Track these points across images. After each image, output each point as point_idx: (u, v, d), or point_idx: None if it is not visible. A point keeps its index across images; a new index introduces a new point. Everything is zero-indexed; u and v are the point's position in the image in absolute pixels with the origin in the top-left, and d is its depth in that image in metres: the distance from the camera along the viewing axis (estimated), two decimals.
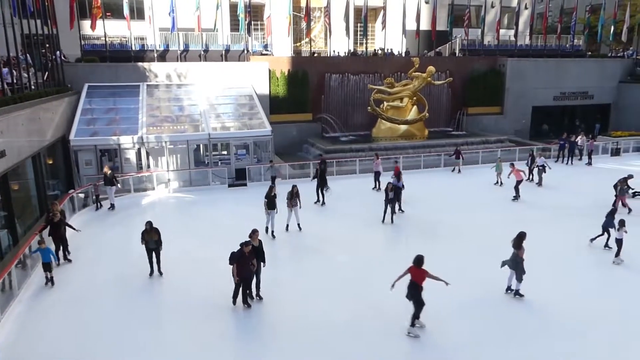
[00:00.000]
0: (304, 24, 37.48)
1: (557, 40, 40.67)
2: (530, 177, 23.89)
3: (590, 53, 43.24)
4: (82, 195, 20.02)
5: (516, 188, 20.68)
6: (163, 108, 26.29)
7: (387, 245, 16.50)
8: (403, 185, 18.95)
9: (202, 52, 31.84)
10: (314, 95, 32.69)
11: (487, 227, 17.10)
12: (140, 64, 28.67)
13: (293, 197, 16.49)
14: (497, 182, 23.20)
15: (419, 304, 10.04)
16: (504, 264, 11.84)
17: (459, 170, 26.03)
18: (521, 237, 11.57)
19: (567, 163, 27.99)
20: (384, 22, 35.50)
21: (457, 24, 38.04)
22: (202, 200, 21.05)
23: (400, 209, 18.63)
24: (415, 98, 31.78)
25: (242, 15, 31.35)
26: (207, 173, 23.29)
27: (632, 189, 20.19)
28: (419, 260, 9.97)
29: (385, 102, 31.62)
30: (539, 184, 23.17)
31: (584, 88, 37.55)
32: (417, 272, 9.94)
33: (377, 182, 22.44)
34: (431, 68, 31.04)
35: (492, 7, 42.77)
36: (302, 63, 32.95)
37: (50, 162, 21.21)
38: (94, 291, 12.57)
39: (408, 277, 10.05)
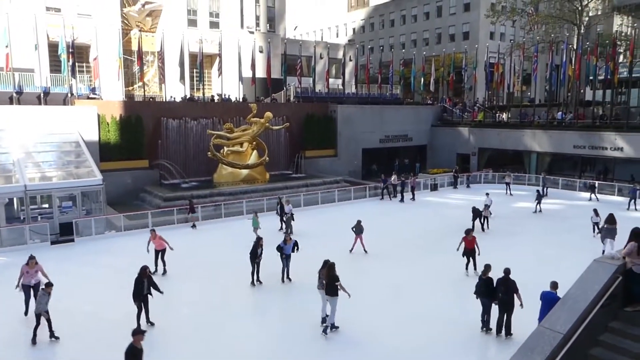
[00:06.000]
0: (136, 68, 35.91)
1: (379, 89, 45.29)
2: (281, 226, 22.21)
3: (408, 100, 48.87)
4: None
5: (162, 260, 16.59)
6: None
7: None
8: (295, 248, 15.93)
9: (15, 94, 28.26)
10: (149, 141, 31.08)
11: None
12: None
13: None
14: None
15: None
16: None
17: (194, 225, 23.34)
18: (612, 216, 17.35)
19: (401, 200, 29.59)
20: (220, 69, 35.69)
21: (291, 73, 40.02)
22: (17, 263, 17.90)
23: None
24: (255, 143, 32.25)
25: (64, 56, 28.73)
26: (24, 230, 20.27)
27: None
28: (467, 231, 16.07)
29: (225, 147, 31.42)
30: (291, 232, 20.31)
31: (404, 131, 42.06)
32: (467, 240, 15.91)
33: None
34: (268, 114, 31.93)
35: (321, 58, 46.22)
36: (136, 108, 31.32)
37: None
38: None
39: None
